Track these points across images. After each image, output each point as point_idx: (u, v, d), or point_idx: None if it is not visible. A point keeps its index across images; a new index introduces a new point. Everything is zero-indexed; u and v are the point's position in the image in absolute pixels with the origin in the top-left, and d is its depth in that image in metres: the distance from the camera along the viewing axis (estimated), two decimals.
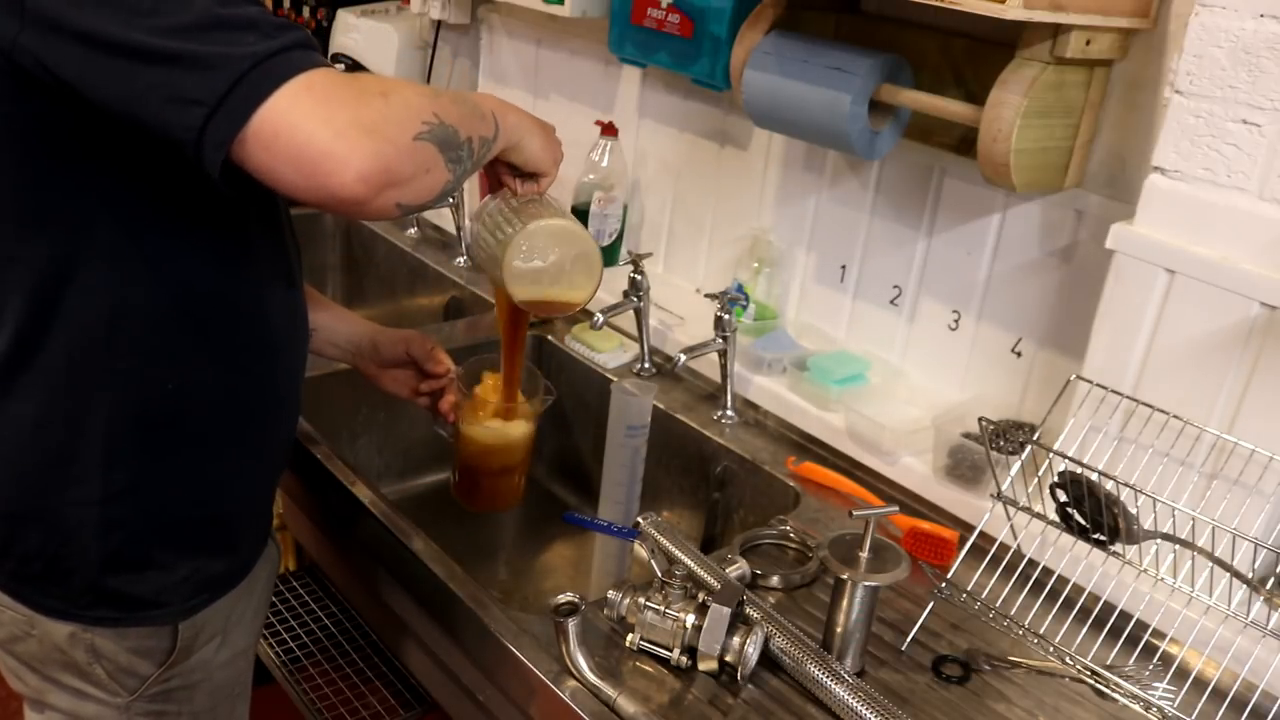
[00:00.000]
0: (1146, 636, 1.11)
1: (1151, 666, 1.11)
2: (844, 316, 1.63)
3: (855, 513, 1.05)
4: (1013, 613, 1.14)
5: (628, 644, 1.08)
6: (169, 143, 0.83)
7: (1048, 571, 1.18)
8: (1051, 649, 1.11)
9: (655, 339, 1.71)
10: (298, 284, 1.13)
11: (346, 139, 0.80)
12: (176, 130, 0.81)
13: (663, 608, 1.06)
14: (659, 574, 1.08)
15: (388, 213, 0.87)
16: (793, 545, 1.30)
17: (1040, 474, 1.17)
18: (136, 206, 0.94)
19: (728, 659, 1.03)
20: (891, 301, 1.56)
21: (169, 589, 1.07)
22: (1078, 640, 1.12)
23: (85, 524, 1.02)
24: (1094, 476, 1.07)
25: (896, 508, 1.12)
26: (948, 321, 1.50)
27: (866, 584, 1.04)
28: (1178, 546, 1.08)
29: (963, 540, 1.26)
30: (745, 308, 1.65)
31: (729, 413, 1.56)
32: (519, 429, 1.32)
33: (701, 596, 1.07)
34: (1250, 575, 1.05)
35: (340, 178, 0.80)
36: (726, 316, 1.52)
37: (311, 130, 0.80)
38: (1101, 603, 1.14)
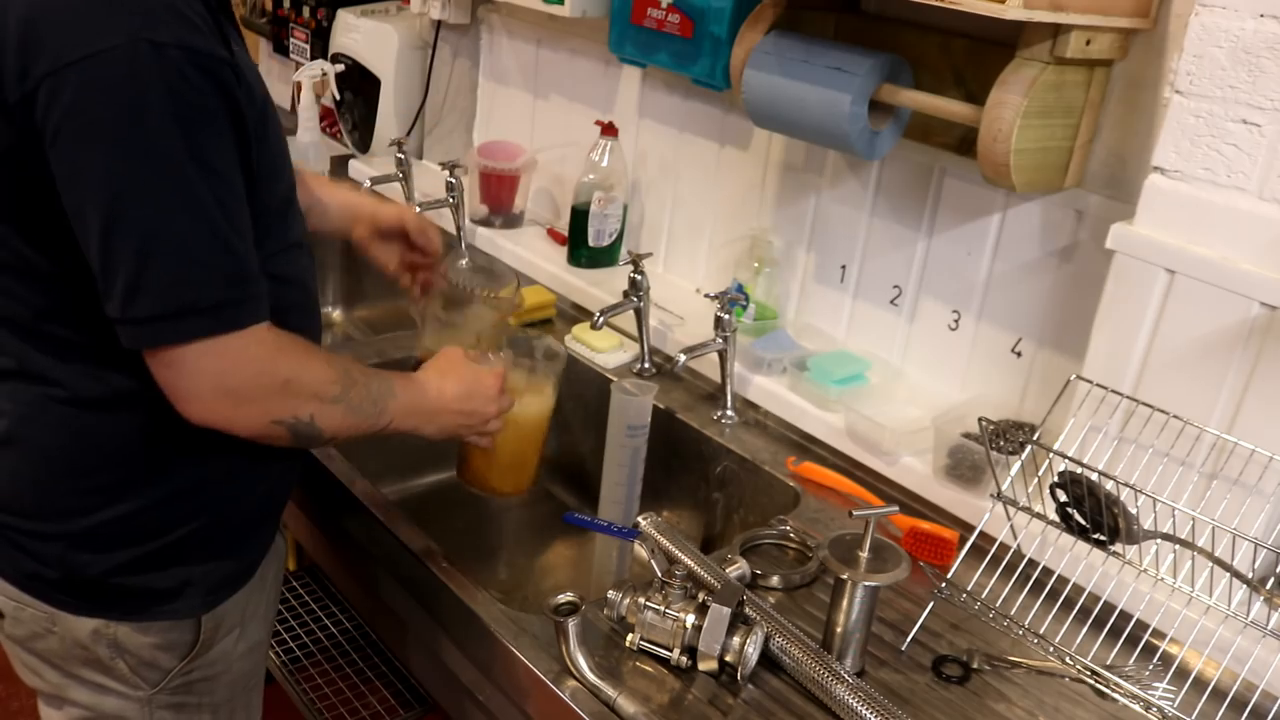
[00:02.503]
0: (1146, 636, 1.11)
1: (1151, 666, 1.11)
2: (844, 316, 1.63)
3: (855, 513, 1.05)
4: (1013, 613, 1.14)
5: (628, 644, 1.08)
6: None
7: (1048, 571, 1.18)
8: (1051, 649, 1.11)
9: (655, 339, 1.71)
10: (314, 293, 1.14)
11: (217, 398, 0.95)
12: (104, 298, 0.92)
13: (663, 608, 1.06)
14: (659, 574, 1.08)
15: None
16: (793, 545, 1.30)
17: (1040, 474, 1.17)
18: None
19: (728, 659, 1.03)
20: (891, 301, 1.56)
21: (191, 583, 1.08)
22: (1078, 640, 1.12)
23: (109, 539, 1.03)
24: (1094, 476, 1.07)
25: (896, 508, 1.12)
26: (948, 321, 1.50)
27: (866, 584, 1.04)
28: (1178, 546, 1.08)
29: (963, 540, 1.26)
30: (745, 308, 1.65)
31: (729, 413, 1.56)
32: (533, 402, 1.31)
33: (701, 596, 1.07)
34: (1250, 575, 1.05)
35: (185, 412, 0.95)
36: (726, 316, 1.52)
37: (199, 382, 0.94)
38: (1101, 603, 1.14)
